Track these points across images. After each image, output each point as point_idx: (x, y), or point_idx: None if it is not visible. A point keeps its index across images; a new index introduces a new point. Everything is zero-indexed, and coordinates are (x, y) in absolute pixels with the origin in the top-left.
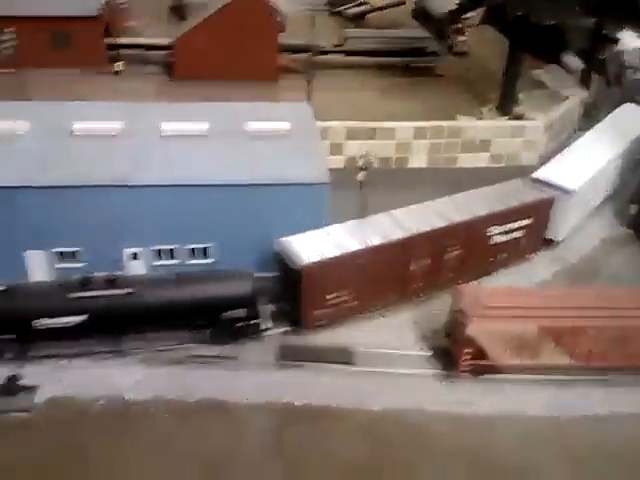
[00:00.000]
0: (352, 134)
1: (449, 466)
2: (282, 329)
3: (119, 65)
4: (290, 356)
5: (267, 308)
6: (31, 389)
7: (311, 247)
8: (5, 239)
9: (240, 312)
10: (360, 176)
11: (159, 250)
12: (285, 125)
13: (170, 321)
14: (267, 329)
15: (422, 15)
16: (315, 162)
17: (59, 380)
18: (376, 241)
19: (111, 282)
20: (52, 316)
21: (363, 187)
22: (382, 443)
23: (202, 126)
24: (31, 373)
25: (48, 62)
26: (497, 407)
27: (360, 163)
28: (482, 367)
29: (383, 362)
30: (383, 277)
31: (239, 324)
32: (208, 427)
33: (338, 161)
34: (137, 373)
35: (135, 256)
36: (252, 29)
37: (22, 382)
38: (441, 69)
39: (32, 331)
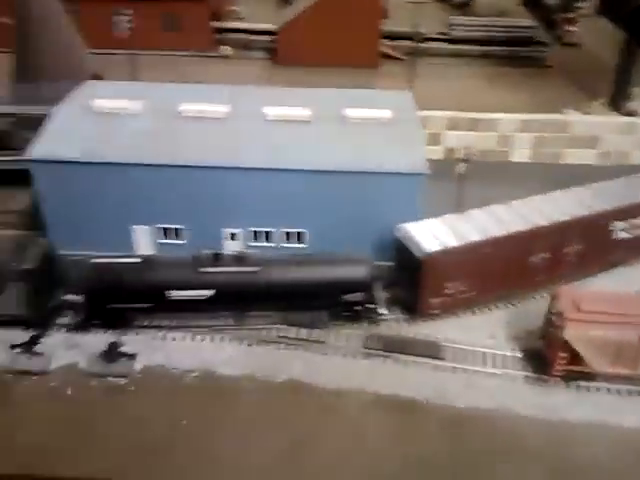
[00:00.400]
0: (453, 124)
1: (530, 470)
2: (396, 315)
3: (226, 49)
4: (378, 345)
5: (382, 294)
6: (130, 357)
7: (431, 236)
8: (115, 213)
9: (358, 296)
10: (460, 168)
11: (255, 232)
12: (386, 113)
13: (290, 300)
14: (382, 314)
15: (532, 3)
16: (414, 152)
17: (156, 350)
18: (498, 232)
19: (239, 260)
20: (185, 289)
21: (462, 180)
22: (463, 441)
23: (304, 111)
24: (131, 341)
25: (158, 43)
26: (589, 416)
27: (461, 155)
28: (576, 373)
29: (472, 360)
30: (502, 269)
31: (356, 308)
32: (292, 407)
33: (437, 151)
34: (230, 349)
35: (233, 236)
36: (356, 16)
37: (122, 349)
38: (550, 60)
39: (165, 301)
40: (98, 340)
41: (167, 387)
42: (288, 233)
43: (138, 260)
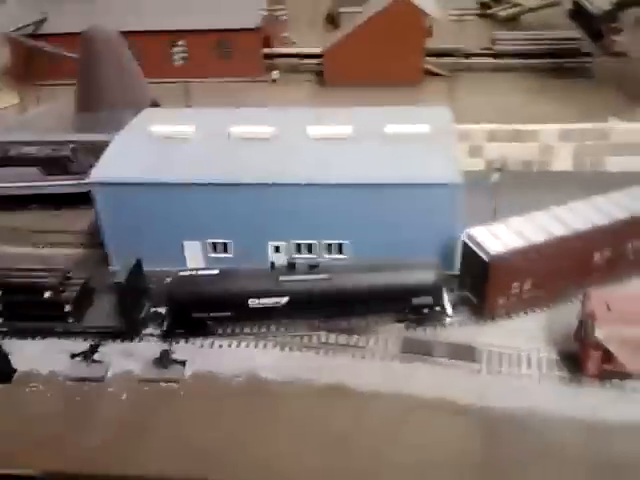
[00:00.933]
0: (493, 136)
1: (566, 473)
2: (461, 317)
3: (275, 74)
4: (414, 349)
5: (448, 296)
6: (180, 363)
7: (496, 238)
8: (168, 230)
9: (427, 299)
10: (494, 178)
11: (299, 244)
12: (424, 128)
13: (361, 305)
14: (449, 317)
15: (578, 14)
16: (450, 164)
17: (205, 357)
18: (561, 232)
19: (313, 268)
20: (264, 297)
21: (497, 189)
22: (498, 442)
23: (346, 129)
24: (182, 349)
25: (212, 72)
26: (626, 415)
27: (495, 165)
28: (611, 372)
29: (507, 362)
30: (565, 268)
31: (425, 311)
32: (332, 409)
33: (478, 163)
34: (274, 355)
35: (277, 249)
36: (400, 36)
37: (173, 357)
38: (596, 70)
39: (247, 310)
40: (151, 348)
41: (215, 391)
42: (329, 245)
43: (217, 272)
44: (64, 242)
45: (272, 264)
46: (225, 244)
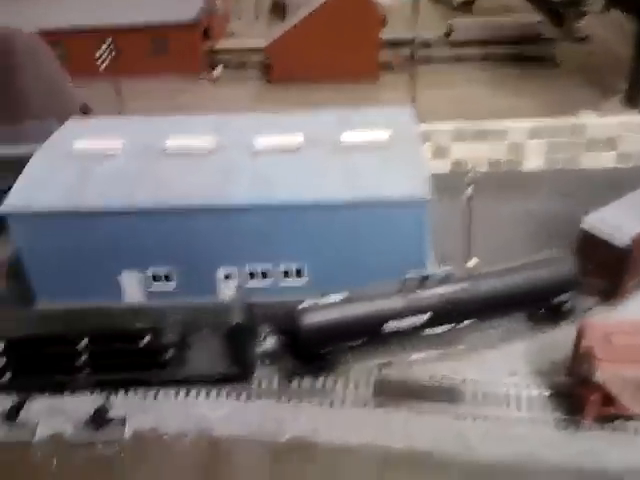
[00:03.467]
0: (458, 136)
1: None
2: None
3: (218, 71)
4: (389, 392)
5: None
6: (119, 421)
7: (617, 220)
8: (100, 260)
9: (567, 295)
10: (467, 192)
11: (251, 271)
12: (384, 135)
13: (500, 309)
14: (588, 309)
15: None
16: (416, 177)
17: (147, 412)
18: None
19: (445, 279)
20: (401, 317)
21: (470, 202)
22: None
23: (296, 139)
24: (120, 403)
25: (147, 70)
26: (629, 460)
27: (466, 179)
28: (611, 414)
29: (493, 402)
30: None
31: (563, 307)
32: (299, 470)
33: (443, 165)
34: (227, 405)
35: (228, 277)
36: (352, 26)
37: (110, 414)
38: (559, 57)
39: (382, 334)
40: (85, 404)
41: (160, 454)
42: (286, 270)
43: (342, 297)
44: None
45: (404, 280)
46: (167, 274)
